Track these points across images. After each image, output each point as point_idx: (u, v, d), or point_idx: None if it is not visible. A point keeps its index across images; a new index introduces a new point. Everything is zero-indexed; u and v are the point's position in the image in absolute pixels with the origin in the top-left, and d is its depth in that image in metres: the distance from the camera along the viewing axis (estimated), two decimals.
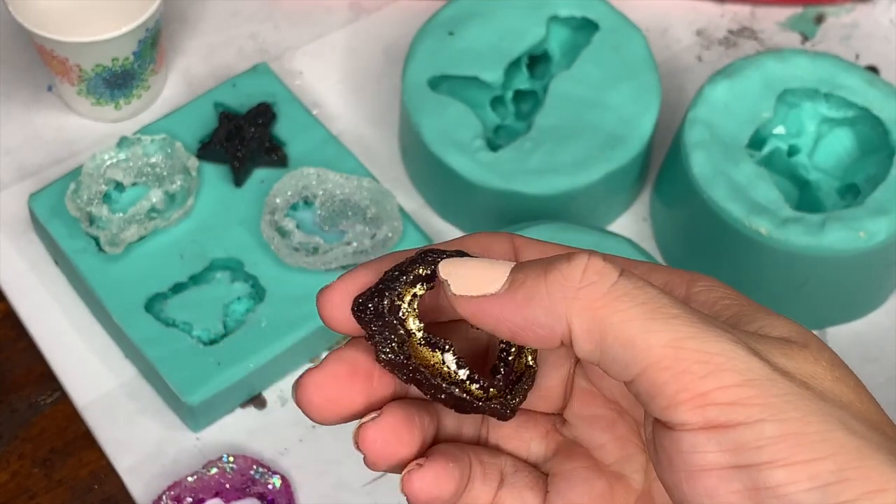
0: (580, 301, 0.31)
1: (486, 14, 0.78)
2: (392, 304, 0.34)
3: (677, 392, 0.30)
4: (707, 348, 0.30)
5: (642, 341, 0.30)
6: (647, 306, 0.31)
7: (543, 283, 0.32)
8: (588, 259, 0.32)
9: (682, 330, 0.30)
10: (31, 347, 0.74)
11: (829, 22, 0.89)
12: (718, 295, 0.34)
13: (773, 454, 0.29)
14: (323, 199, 0.74)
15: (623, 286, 0.31)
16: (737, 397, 0.30)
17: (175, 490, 0.67)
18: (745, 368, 0.30)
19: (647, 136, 0.75)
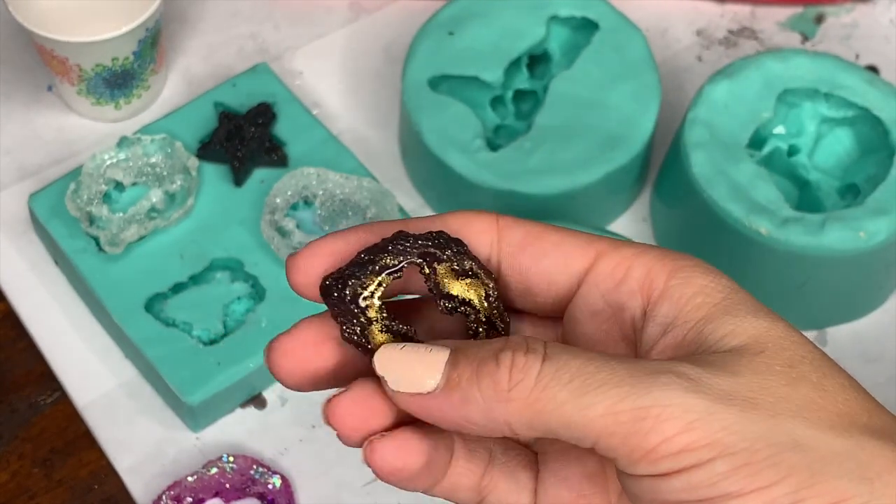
0: (512, 403, 0.32)
1: (486, 14, 0.78)
2: (354, 292, 0.34)
3: (629, 454, 0.31)
4: (642, 403, 0.30)
5: (580, 419, 0.31)
6: (574, 384, 0.31)
7: (477, 387, 0.32)
8: (512, 359, 0.32)
9: (613, 394, 0.31)
10: (31, 347, 0.74)
11: (829, 22, 0.89)
12: (694, 290, 0.34)
13: (727, 488, 0.30)
14: (323, 199, 0.74)
15: (547, 373, 0.31)
16: (683, 444, 0.30)
17: (175, 490, 0.67)
18: (684, 412, 0.30)
19: (647, 136, 0.75)
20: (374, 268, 0.34)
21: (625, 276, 0.35)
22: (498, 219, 0.36)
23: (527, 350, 0.32)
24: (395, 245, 0.34)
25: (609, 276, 0.35)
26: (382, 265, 0.34)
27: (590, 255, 0.35)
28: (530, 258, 0.35)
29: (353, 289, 0.34)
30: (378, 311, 0.34)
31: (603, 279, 0.35)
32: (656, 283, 0.34)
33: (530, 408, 0.31)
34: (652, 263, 0.35)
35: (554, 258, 0.35)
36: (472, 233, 0.36)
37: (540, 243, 0.35)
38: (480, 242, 0.36)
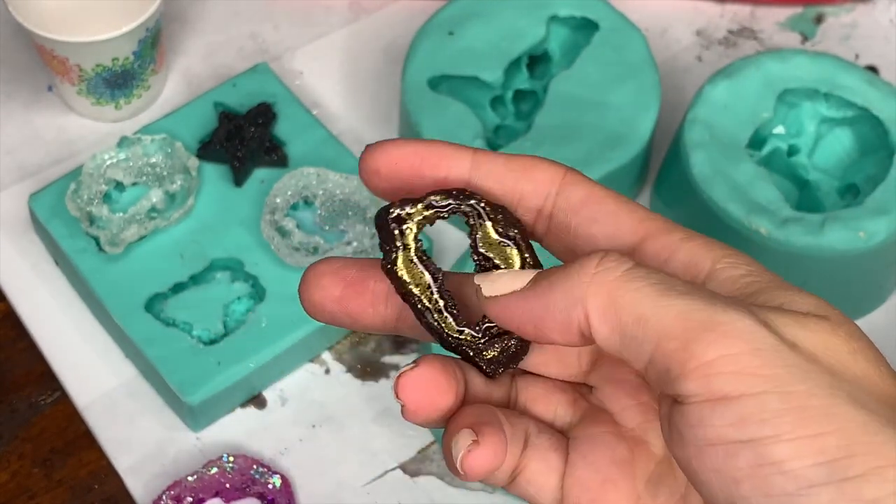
0: (595, 284, 0.32)
1: (486, 14, 0.78)
2: (398, 216, 0.36)
3: (685, 361, 0.30)
4: (715, 318, 0.30)
5: (653, 315, 0.31)
6: (658, 286, 0.31)
7: (563, 273, 0.33)
8: (604, 253, 0.32)
9: (692, 303, 0.31)
10: (31, 347, 0.74)
11: (828, 22, 0.89)
12: (742, 272, 0.34)
13: (777, 428, 0.29)
14: (323, 199, 0.74)
15: (636, 270, 0.32)
16: (741, 366, 0.30)
17: (175, 490, 0.67)
18: (752, 337, 0.30)
19: (647, 136, 0.75)
20: (424, 199, 0.35)
21: (669, 259, 0.35)
22: (566, 172, 0.36)
23: (619, 254, 0.32)
24: (456, 194, 0.36)
25: (653, 257, 0.35)
26: (430, 201, 0.35)
27: (639, 234, 0.35)
28: (581, 220, 0.36)
29: (397, 212, 0.36)
30: (414, 241, 0.36)
31: (647, 259, 0.35)
32: (701, 266, 0.34)
33: (610, 293, 0.32)
34: (696, 250, 0.35)
35: (604, 226, 0.35)
36: (532, 180, 0.36)
37: (596, 208, 0.36)
38: (538, 192, 0.36)
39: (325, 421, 0.71)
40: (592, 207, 0.36)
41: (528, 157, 0.36)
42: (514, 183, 0.36)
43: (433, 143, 0.36)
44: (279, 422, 0.71)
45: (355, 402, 0.72)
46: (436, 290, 0.36)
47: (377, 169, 0.37)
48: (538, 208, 0.36)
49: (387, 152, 0.37)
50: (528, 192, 0.36)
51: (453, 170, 0.36)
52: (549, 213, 0.36)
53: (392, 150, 0.37)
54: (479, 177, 0.36)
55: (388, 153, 0.37)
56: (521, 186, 0.36)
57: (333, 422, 0.71)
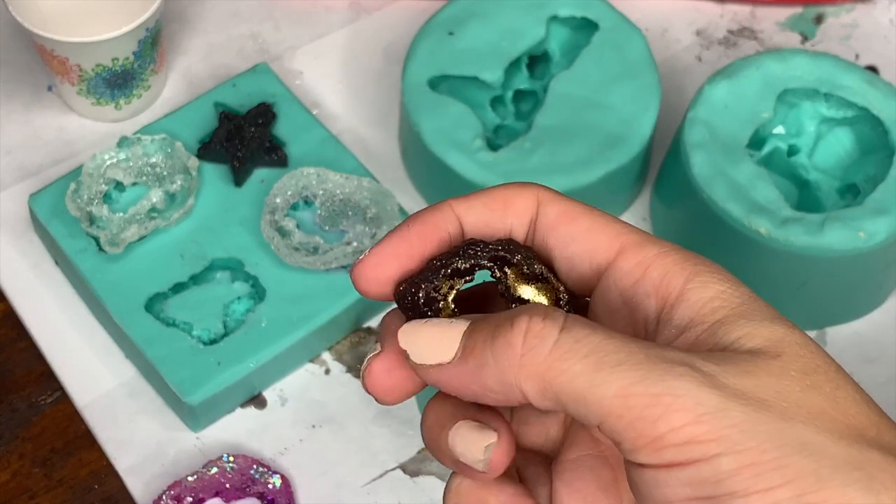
0: (525, 367, 0.32)
1: (486, 14, 0.78)
2: (427, 296, 0.35)
3: (634, 439, 0.30)
4: (655, 390, 0.30)
5: (591, 396, 0.31)
6: (590, 359, 0.31)
7: (490, 351, 0.32)
8: (528, 322, 0.32)
9: (628, 376, 0.31)
10: (31, 347, 0.74)
11: (828, 22, 0.89)
12: (711, 294, 0.34)
13: (732, 486, 0.30)
14: (323, 199, 0.74)
15: (564, 344, 0.31)
16: (690, 436, 0.30)
17: (175, 490, 0.67)
18: (695, 404, 0.30)
19: (647, 136, 0.75)
20: (446, 271, 0.35)
21: (642, 277, 0.35)
22: (539, 193, 0.36)
23: (545, 317, 0.32)
24: (465, 250, 0.35)
25: (628, 274, 0.35)
26: (455, 269, 0.35)
27: (614, 249, 0.35)
28: (557, 240, 0.36)
29: (425, 292, 0.35)
30: (452, 313, 0.35)
31: (621, 277, 0.35)
32: (672, 286, 0.34)
33: (542, 376, 0.31)
34: (670, 266, 0.34)
35: (581, 245, 0.35)
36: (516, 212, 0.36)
37: (571, 227, 0.36)
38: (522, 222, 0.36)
39: (325, 421, 0.71)
40: (568, 226, 0.36)
41: (502, 189, 0.36)
42: (501, 222, 0.36)
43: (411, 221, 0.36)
44: (279, 422, 0.71)
45: (355, 402, 0.72)
46: None
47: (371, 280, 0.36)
48: (523, 236, 0.36)
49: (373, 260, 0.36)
50: (516, 226, 0.36)
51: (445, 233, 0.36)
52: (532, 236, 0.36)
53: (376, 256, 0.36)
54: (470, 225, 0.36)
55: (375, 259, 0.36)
56: (507, 223, 0.36)
57: (333, 422, 0.71)
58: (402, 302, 0.35)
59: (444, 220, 0.36)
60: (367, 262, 0.36)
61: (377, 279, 0.35)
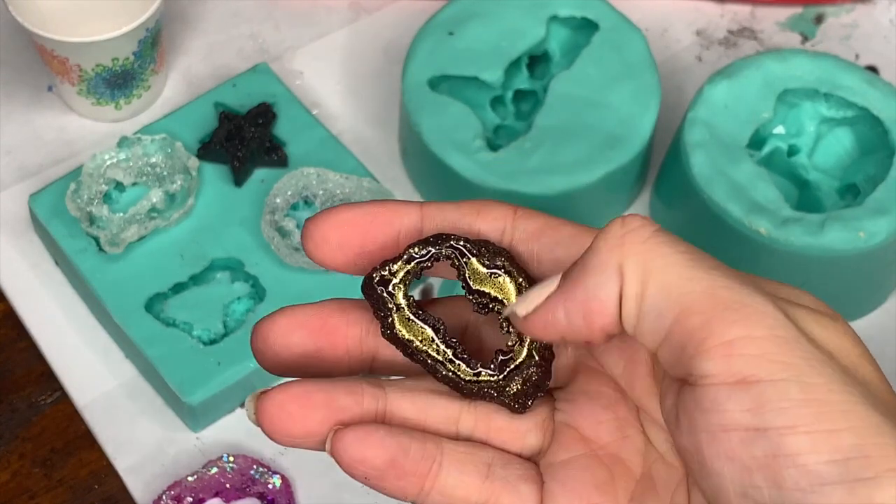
0: (626, 246, 0.31)
1: (486, 14, 0.78)
2: (382, 277, 0.35)
3: (706, 338, 0.30)
4: (741, 299, 0.30)
5: (680, 286, 0.31)
6: (687, 255, 0.31)
7: (590, 251, 0.32)
8: (623, 217, 0.32)
9: (720, 280, 0.30)
10: (31, 347, 0.74)
11: (828, 22, 0.89)
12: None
13: (795, 419, 0.29)
14: (323, 199, 0.74)
15: (662, 236, 0.32)
16: (763, 350, 0.29)
17: (175, 490, 0.67)
18: (775, 324, 0.30)
19: (647, 136, 0.75)
20: (402, 255, 0.35)
21: None
22: (515, 210, 0.36)
23: (643, 219, 0.32)
24: (427, 239, 0.35)
25: None
26: (409, 254, 0.35)
27: None
28: (543, 246, 0.35)
29: (380, 274, 0.35)
30: (405, 298, 0.35)
31: None
32: None
33: (642, 255, 0.31)
34: None
35: (566, 248, 0.35)
36: (486, 218, 0.36)
37: (554, 234, 0.35)
38: (494, 228, 0.36)
39: None
40: (550, 234, 0.35)
41: (478, 201, 0.36)
42: (469, 226, 0.36)
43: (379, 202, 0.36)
44: None
45: None
46: (440, 340, 0.36)
47: (326, 238, 0.36)
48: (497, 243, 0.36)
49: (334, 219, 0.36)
50: (484, 231, 0.36)
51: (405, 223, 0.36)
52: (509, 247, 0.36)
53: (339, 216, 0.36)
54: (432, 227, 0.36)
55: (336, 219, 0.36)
56: (476, 227, 0.36)
57: None
58: (364, 288, 0.36)
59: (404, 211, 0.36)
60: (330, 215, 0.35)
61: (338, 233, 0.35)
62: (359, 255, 0.36)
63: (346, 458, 0.34)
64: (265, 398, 0.34)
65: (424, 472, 0.35)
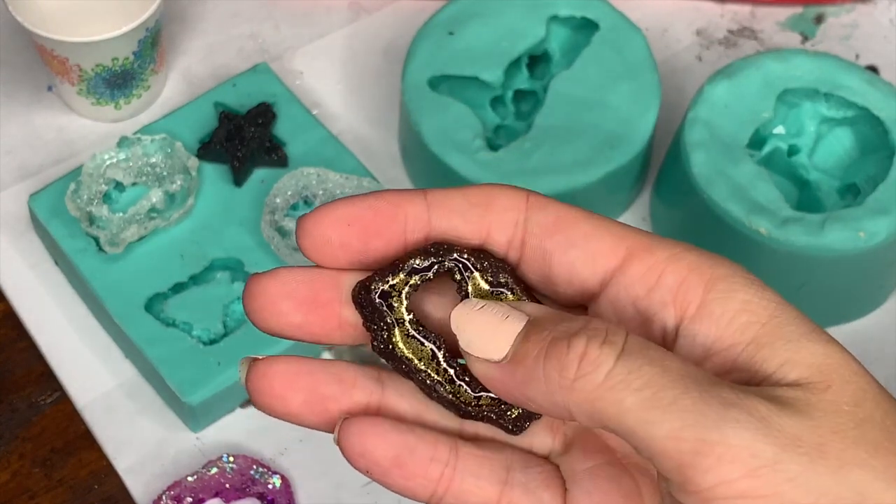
0: (576, 393, 0.30)
1: (486, 14, 0.78)
2: (383, 291, 0.33)
3: (683, 484, 0.29)
4: (708, 437, 0.29)
5: (643, 433, 0.29)
6: (643, 394, 0.29)
7: (541, 368, 0.31)
8: (586, 346, 0.30)
9: (680, 418, 0.29)
10: (31, 347, 0.74)
11: (828, 22, 0.89)
12: (736, 306, 0.32)
13: None
14: (323, 199, 0.74)
15: (618, 374, 0.30)
16: (743, 490, 0.29)
17: (175, 490, 0.67)
18: (750, 456, 0.29)
19: (647, 136, 0.75)
20: (402, 266, 0.33)
21: (656, 284, 0.32)
22: (528, 196, 0.34)
23: (603, 341, 0.30)
24: (428, 249, 0.33)
25: (639, 281, 0.33)
26: (412, 267, 0.33)
27: (619, 255, 0.33)
28: (556, 245, 0.33)
29: (378, 286, 0.33)
30: (407, 313, 0.33)
31: (632, 284, 0.33)
32: (692, 295, 0.32)
33: (593, 403, 0.30)
34: (687, 272, 0.32)
35: (581, 250, 0.33)
36: (497, 209, 0.33)
37: (569, 231, 0.33)
38: (505, 220, 0.34)
39: None
40: (566, 231, 0.33)
41: (486, 187, 0.34)
42: (479, 218, 0.33)
43: (379, 194, 0.33)
44: (279, 422, 0.71)
45: None
46: (442, 358, 0.34)
47: (327, 238, 0.33)
48: (508, 239, 0.34)
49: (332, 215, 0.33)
50: (496, 223, 0.33)
51: (411, 216, 0.33)
52: (521, 240, 0.34)
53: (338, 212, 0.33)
54: (440, 217, 0.33)
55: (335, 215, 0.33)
56: (487, 219, 0.33)
57: None
58: (359, 299, 0.33)
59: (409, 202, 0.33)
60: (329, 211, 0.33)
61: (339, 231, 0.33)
62: (362, 254, 0.33)
63: (348, 449, 0.33)
64: (254, 368, 0.33)
65: (435, 476, 0.34)
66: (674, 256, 0.32)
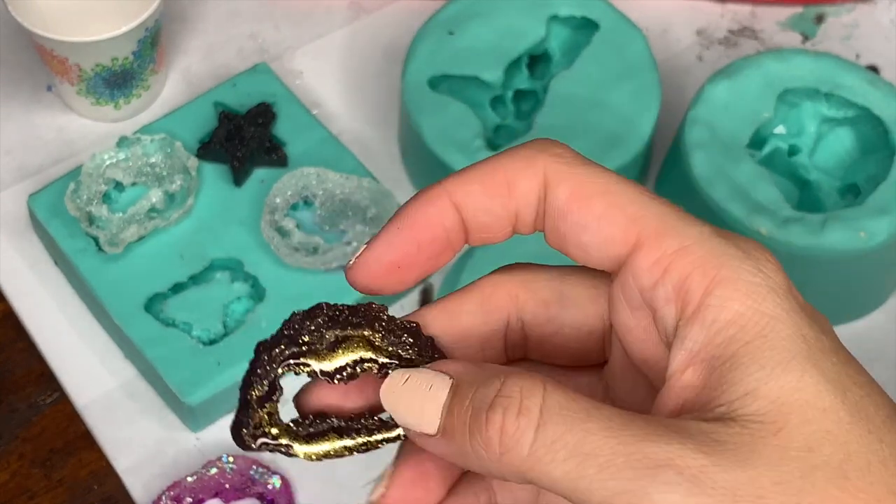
0: (504, 465, 0.30)
1: (486, 14, 0.78)
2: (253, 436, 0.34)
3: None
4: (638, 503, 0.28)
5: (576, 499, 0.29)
6: (569, 464, 0.29)
7: (468, 445, 0.31)
8: (502, 420, 0.30)
9: (609, 487, 0.29)
10: (31, 347, 0.74)
11: (829, 22, 0.89)
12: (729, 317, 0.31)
13: None
14: (323, 199, 0.74)
15: (540, 446, 0.29)
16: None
17: (175, 490, 0.67)
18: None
19: (647, 136, 0.75)
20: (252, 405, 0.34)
21: (661, 279, 0.32)
22: (546, 168, 0.34)
23: (519, 412, 0.30)
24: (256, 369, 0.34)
25: (646, 273, 0.32)
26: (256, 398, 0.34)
27: (629, 241, 0.32)
28: (569, 229, 0.33)
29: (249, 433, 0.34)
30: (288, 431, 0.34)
31: (640, 275, 0.32)
32: (692, 296, 0.31)
33: (524, 474, 0.30)
34: (691, 269, 0.32)
35: (593, 234, 0.33)
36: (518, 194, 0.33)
37: (582, 213, 0.33)
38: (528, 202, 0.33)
39: None
40: (578, 212, 0.33)
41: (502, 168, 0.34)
42: (503, 209, 0.34)
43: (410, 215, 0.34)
44: None
45: None
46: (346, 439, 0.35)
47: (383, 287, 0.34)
48: (534, 217, 0.34)
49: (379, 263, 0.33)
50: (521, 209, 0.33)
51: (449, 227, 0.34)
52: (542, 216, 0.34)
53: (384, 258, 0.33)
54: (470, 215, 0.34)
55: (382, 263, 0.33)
56: (510, 209, 0.33)
57: None
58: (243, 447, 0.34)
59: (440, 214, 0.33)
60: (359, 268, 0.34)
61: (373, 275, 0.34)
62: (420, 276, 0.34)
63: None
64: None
65: None
66: (683, 250, 0.32)
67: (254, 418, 0.34)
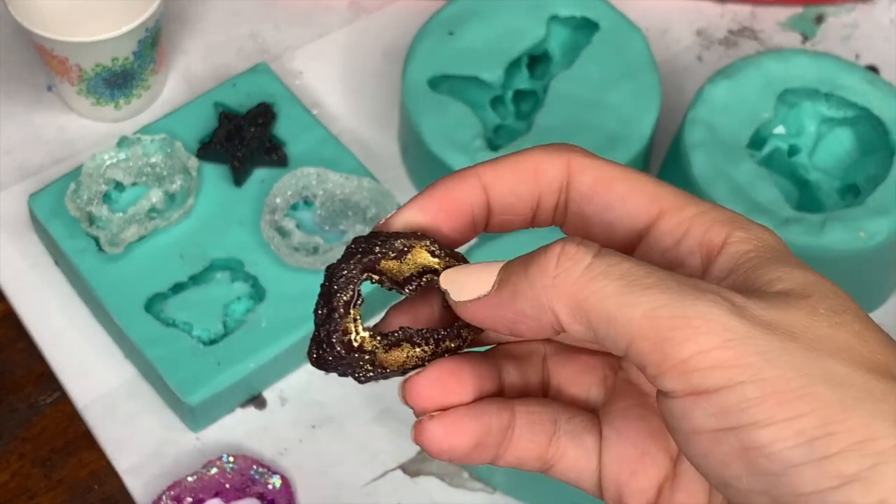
0: (557, 288, 0.32)
1: (486, 14, 0.78)
2: (342, 342, 0.35)
3: (660, 361, 0.31)
4: (683, 313, 0.30)
5: (621, 316, 0.31)
6: (622, 282, 0.31)
7: (525, 277, 0.33)
8: (562, 247, 0.33)
9: (658, 299, 0.31)
10: (31, 347, 0.74)
11: (829, 22, 0.89)
12: (750, 247, 0.34)
13: (755, 415, 0.30)
14: (323, 199, 0.74)
15: (597, 266, 0.32)
16: (716, 361, 0.30)
17: (175, 490, 0.67)
18: (723, 329, 0.30)
19: (647, 136, 0.75)
20: (339, 312, 0.35)
21: (685, 235, 0.35)
22: (570, 158, 0.36)
23: (579, 243, 0.33)
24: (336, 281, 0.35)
25: (668, 234, 0.35)
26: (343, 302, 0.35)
27: (652, 213, 0.35)
28: (595, 209, 0.36)
29: (339, 342, 0.35)
30: (371, 339, 0.35)
31: (662, 237, 0.35)
32: (715, 241, 0.34)
33: (574, 296, 0.32)
34: (711, 224, 0.35)
35: (618, 212, 0.36)
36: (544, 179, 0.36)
37: (607, 195, 0.36)
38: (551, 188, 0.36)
39: (325, 421, 0.71)
40: (604, 194, 0.36)
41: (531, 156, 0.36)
42: (529, 192, 0.36)
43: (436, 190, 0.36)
44: (279, 422, 0.71)
45: (355, 402, 0.72)
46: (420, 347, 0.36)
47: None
48: (554, 205, 0.37)
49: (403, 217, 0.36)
50: (544, 193, 0.36)
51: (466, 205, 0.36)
52: (565, 204, 0.36)
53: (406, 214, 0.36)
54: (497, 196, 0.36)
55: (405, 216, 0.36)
56: (536, 191, 0.36)
57: (333, 422, 0.71)
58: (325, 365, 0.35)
59: (469, 192, 0.36)
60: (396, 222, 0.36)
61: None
62: None
63: (434, 448, 0.35)
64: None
65: (500, 443, 0.36)
66: (701, 214, 0.35)
67: (341, 325, 0.35)
